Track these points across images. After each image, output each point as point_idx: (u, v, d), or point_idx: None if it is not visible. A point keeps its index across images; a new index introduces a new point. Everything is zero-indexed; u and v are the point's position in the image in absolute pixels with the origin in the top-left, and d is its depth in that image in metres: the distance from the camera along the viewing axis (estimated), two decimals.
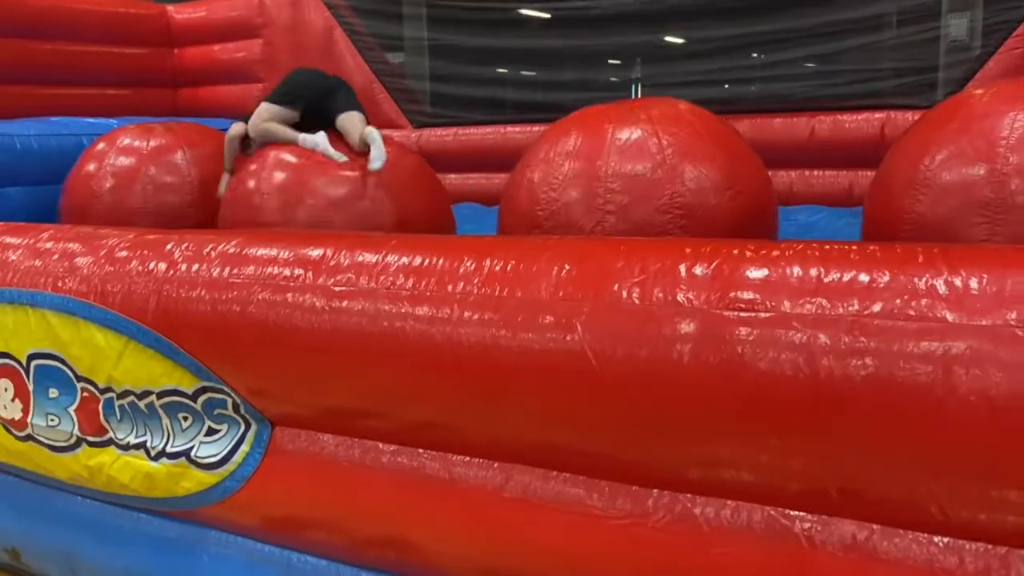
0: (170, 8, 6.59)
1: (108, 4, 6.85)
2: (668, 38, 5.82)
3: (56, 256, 2.26)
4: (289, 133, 3.54)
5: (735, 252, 1.56)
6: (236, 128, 3.85)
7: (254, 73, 6.29)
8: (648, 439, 1.63)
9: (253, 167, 3.41)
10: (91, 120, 5.37)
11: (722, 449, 1.56)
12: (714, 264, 1.54)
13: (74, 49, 5.92)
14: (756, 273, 1.51)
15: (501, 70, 6.56)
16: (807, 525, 1.53)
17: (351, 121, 3.54)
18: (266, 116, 3.64)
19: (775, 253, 1.55)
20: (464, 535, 1.85)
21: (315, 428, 2.05)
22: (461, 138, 5.94)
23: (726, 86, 5.46)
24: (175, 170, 4.12)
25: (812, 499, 1.53)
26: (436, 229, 3.42)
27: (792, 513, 1.55)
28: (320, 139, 3.38)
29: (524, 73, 6.54)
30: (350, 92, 3.84)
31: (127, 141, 4.21)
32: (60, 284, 2.20)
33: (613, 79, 6.20)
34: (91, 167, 4.17)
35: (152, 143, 4.18)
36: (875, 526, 1.50)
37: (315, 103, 3.70)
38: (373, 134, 3.36)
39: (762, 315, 1.46)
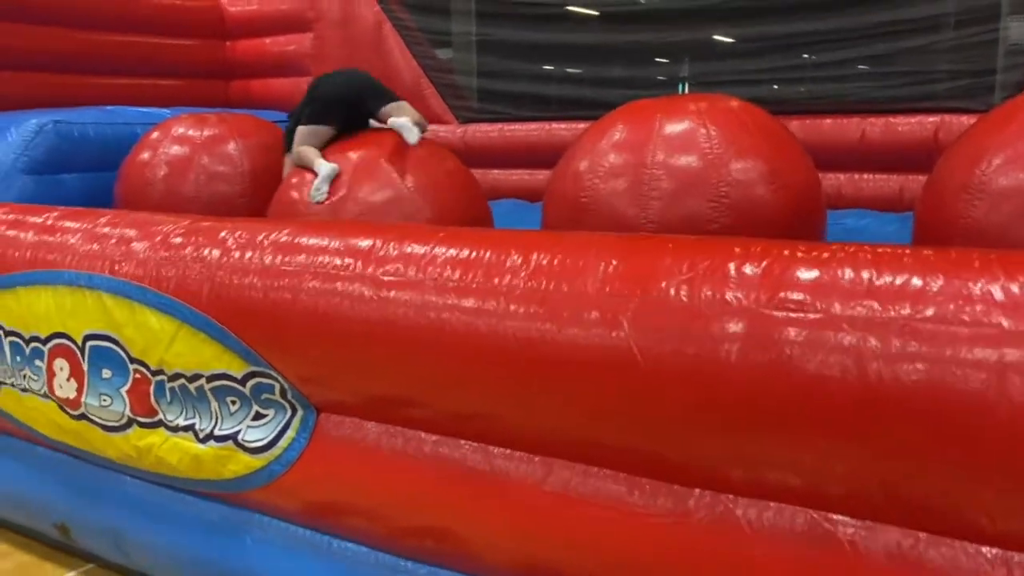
0: (223, 1, 6.70)
1: None
2: (717, 36, 5.76)
3: (113, 241, 2.32)
4: (310, 159, 3.59)
5: (785, 252, 1.54)
6: (290, 158, 3.94)
7: (304, 66, 6.37)
8: (692, 438, 1.63)
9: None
10: (145, 110, 5.48)
11: (766, 450, 1.55)
12: (764, 264, 1.53)
13: (130, 40, 6.05)
14: (806, 274, 1.50)
15: (548, 66, 6.55)
16: (851, 530, 1.52)
17: (400, 112, 3.60)
18: (301, 140, 3.71)
19: (826, 255, 1.54)
20: (503, 527, 1.86)
21: (359, 415, 2.08)
22: (506, 134, 5.94)
23: (775, 86, 5.38)
24: (227, 160, 4.20)
25: (857, 504, 1.51)
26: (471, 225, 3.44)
27: (836, 517, 1.53)
28: (323, 174, 3.39)
29: (571, 70, 6.52)
30: (377, 91, 3.83)
31: (181, 130, 4.30)
32: (117, 268, 2.26)
33: (660, 77, 6.15)
34: (146, 155, 4.26)
35: (206, 133, 4.26)
36: (921, 534, 1.48)
37: (351, 111, 3.74)
38: (398, 123, 3.45)
39: (811, 316, 1.45)
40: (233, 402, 2.19)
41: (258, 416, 2.17)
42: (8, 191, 4.67)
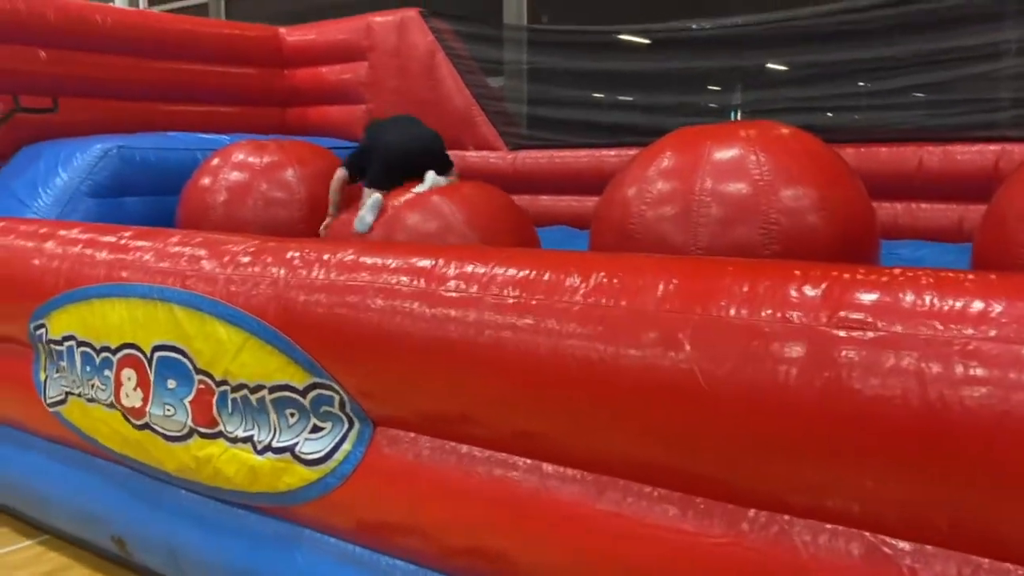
0: (282, 31, 6.91)
1: (226, 27, 7.23)
2: (769, 63, 5.76)
3: (184, 259, 2.41)
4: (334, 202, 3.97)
5: (845, 276, 1.55)
6: (340, 173, 4.08)
7: (359, 94, 6.52)
8: (750, 460, 1.63)
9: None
10: (204, 136, 5.66)
11: (826, 473, 1.55)
12: (824, 286, 1.54)
13: (192, 68, 6.26)
14: (867, 296, 1.50)
15: (598, 94, 6.60)
16: (910, 556, 1.50)
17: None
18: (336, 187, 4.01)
19: (886, 278, 1.54)
20: (555, 548, 1.87)
21: (415, 431, 2.11)
22: (556, 160, 6.00)
23: (828, 114, 5.36)
24: (285, 186, 4.32)
25: (917, 529, 1.50)
26: None
27: (895, 543, 1.52)
28: (368, 204, 3.63)
29: (621, 97, 6.57)
30: (439, 162, 4.01)
31: (241, 157, 4.43)
32: (188, 283, 2.35)
33: (712, 104, 6.17)
34: (206, 180, 4.41)
35: (264, 159, 4.39)
36: (984, 561, 1.45)
37: (409, 171, 3.90)
38: (429, 177, 3.65)
39: (872, 337, 1.46)
40: (292, 414, 2.24)
41: (316, 429, 2.22)
42: (73, 213, 4.86)
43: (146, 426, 2.56)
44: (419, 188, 3.57)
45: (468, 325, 1.90)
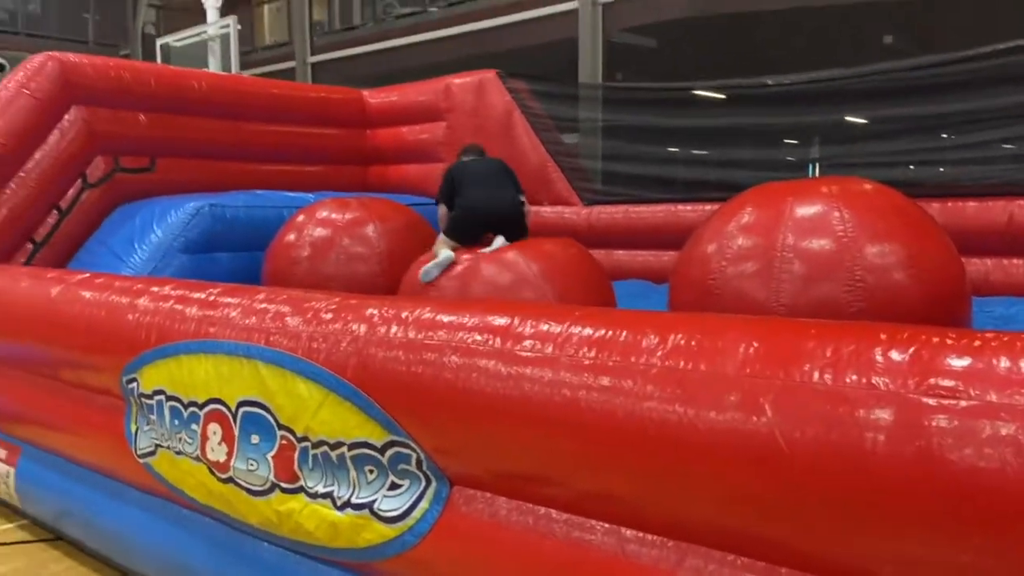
0: (366, 93, 7.17)
1: (312, 90, 7.55)
2: (849, 117, 5.69)
3: (269, 315, 2.49)
4: (438, 246, 3.99)
5: (935, 339, 1.50)
6: (443, 211, 4.33)
7: (437, 153, 6.70)
8: (835, 530, 1.57)
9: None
10: (291, 194, 5.89)
11: (919, 547, 1.48)
12: (912, 349, 1.49)
13: (281, 130, 6.55)
14: (958, 362, 1.45)
15: (673, 149, 6.62)
16: None
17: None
18: (441, 242, 4.07)
19: (978, 342, 1.48)
20: None
21: (491, 490, 2.11)
22: (631, 215, 6.02)
23: (911, 167, 5.24)
24: (366, 241, 4.45)
25: None
26: None
27: None
28: (439, 260, 3.74)
29: (697, 152, 6.58)
30: (516, 223, 4.11)
31: (324, 214, 4.59)
32: (272, 339, 2.42)
33: (790, 158, 6.12)
34: (291, 236, 4.57)
35: (347, 216, 4.54)
36: None
37: (488, 229, 4.06)
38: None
39: (964, 404, 1.40)
40: (371, 471, 2.27)
41: (394, 486, 2.24)
42: (166, 268, 5.10)
43: (230, 480, 2.62)
44: (487, 249, 3.64)
45: (543, 384, 1.90)
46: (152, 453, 2.93)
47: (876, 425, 1.46)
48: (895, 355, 1.50)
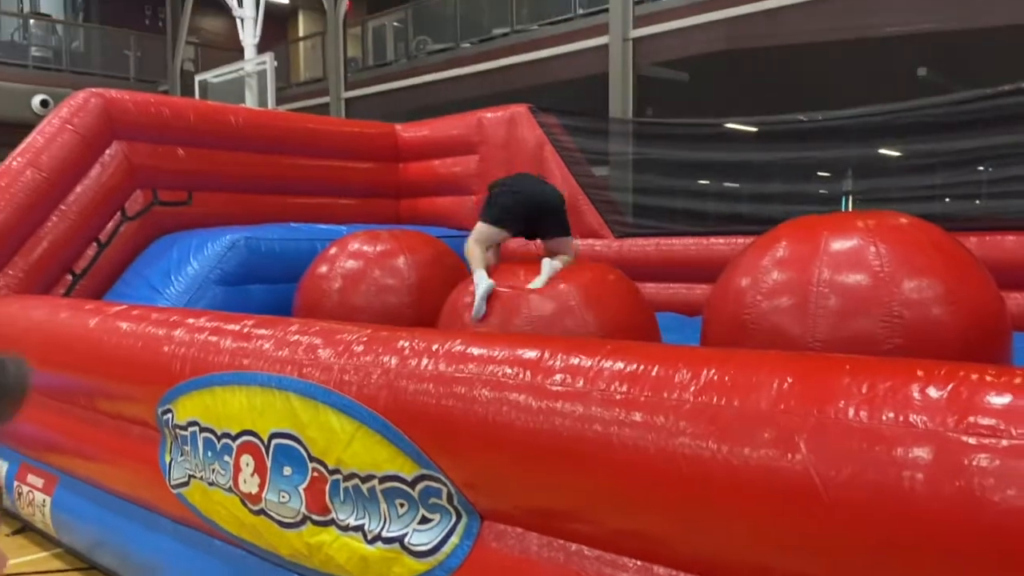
0: (398, 127, 7.27)
1: (346, 125, 7.67)
2: (883, 150, 5.65)
3: (302, 347, 2.51)
4: (476, 264, 3.80)
5: (973, 376, 1.48)
6: (479, 227, 4.04)
7: (468, 186, 6.76)
8: (871, 571, 1.54)
9: (468, 297, 3.62)
10: (324, 226, 5.96)
11: None
12: (950, 386, 1.47)
13: (316, 164, 6.65)
14: (998, 399, 1.42)
15: (704, 182, 6.62)
16: None
17: (561, 248, 3.90)
18: (477, 236, 3.92)
19: (1018, 380, 1.46)
20: None
21: (522, 526, 2.09)
22: (663, 248, 6.00)
23: (947, 200, 5.19)
24: (396, 273, 4.49)
25: None
26: (639, 339, 3.47)
27: None
28: (482, 288, 3.55)
29: (728, 185, 6.57)
30: (559, 219, 4.01)
31: (356, 246, 4.64)
32: (304, 371, 2.44)
33: (823, 191, 6.08)
34: (323, 268, 4.62)
35: (378, 248, 4.58)
36: None
37: (529, 224, 3.97)
38: (546, 266, 3.61)
39: (1006, 444, 1.37)
40: (402, 504, 2.26)
41: (424, 520, 2.23)
42: (201, 300, 5.17)
43: (262, 511, 2.63)
44: (536, 283, 3.55)
45: (575, 419, 1.89)
46: (185, 484, 2.95)
47: (914, 464, 1.43)
48: (933, 392, 1.47)
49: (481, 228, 3.93)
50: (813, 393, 1.59)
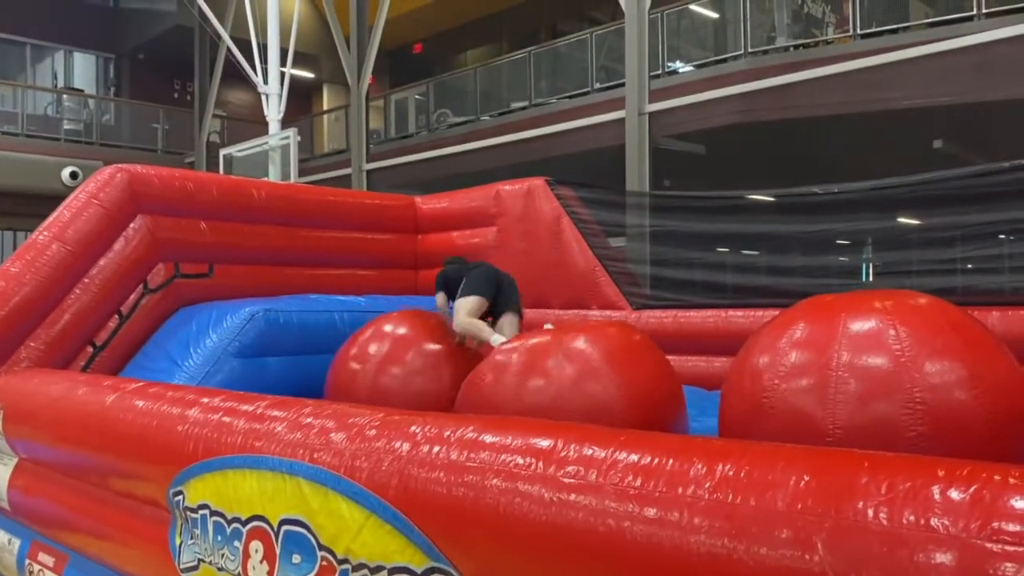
0: (418, 199, 7.36)
1: (367, 197, 7.78)
2: (901, 220, 5.63)
3: (315, 431, 2.49)
4: (479, 329, 4.29)
5: (996, 477, 1.43)
6: (472, 300, 4.50)
7: (487, 257, 6.78)
8: None
9: (490, 375, 3.59)
10: (342, 298, 5.99)
11: None
12: (972, 489, 1.42)
13: (335, 236, 6.72)
14: (1022, 503, 1.37)
15: (723, 250, 6.61)
16: None
17: (510, 327, 4.42)
18: (467, 311, 4.39)
19: None
20: None
21: None
22: (681, 320, 5.96)
23: (968, 272, 5.13)
24: (428, 355, 4.49)
25: None
26: (664, 406, 3.43)
27: None
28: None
29: (746, 255, 6.55)
30: (514, 295, 4.61)
31: (389, 328, 4.65)
32: (315, 456, 2.41)
33: (843, 258, 6.04)
34: (354, 350, 4.63)
35: (408, 330, 4.60)
36: None
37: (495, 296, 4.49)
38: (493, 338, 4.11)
39: None
40: None
41: None
42: (218, 373, 5.17)
43: None
44: (499, 339, 3.81)
45: (588, 512, 1.84)
46: (195, 568, 2.90)
47: (936, 570, 1.38)
48: (954, 494, 1.43)
49: (471, 301, 4.34)
50: (831, 491, 1.54)
